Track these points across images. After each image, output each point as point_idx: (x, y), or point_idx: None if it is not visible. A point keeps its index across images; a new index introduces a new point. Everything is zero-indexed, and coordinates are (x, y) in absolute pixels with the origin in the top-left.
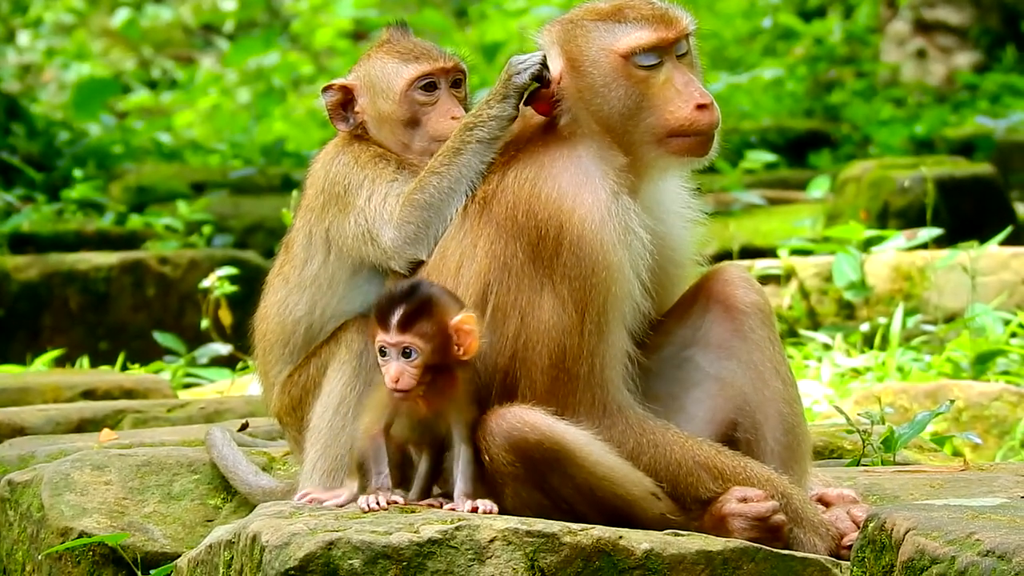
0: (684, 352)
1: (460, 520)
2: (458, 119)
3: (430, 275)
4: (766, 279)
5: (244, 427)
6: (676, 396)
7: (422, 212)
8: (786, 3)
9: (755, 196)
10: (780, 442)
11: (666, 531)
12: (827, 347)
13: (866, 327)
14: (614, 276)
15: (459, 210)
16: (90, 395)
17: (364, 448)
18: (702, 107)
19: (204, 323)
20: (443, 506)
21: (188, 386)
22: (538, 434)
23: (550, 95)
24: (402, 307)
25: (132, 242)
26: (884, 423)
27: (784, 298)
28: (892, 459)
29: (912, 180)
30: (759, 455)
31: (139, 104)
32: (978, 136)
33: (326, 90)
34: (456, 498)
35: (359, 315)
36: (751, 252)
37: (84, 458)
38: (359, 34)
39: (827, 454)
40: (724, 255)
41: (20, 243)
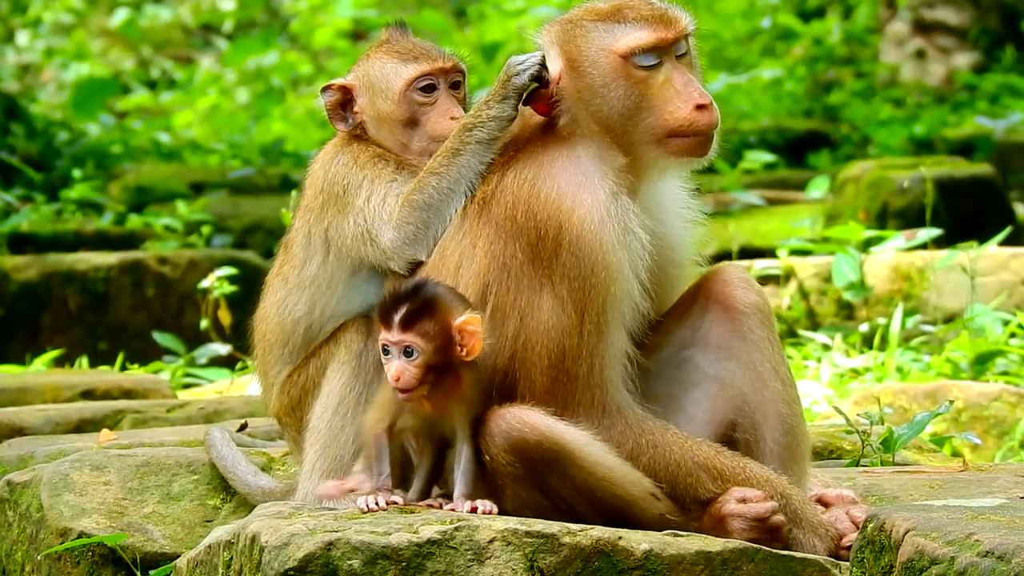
0: (683, 352)
1: (459, 520)
2: (457, 119)
3: (429, 275)
4: (765, 279)
5: (243, 427)
6: (675, 396)
7: (421, 212)
8: (785, 3)
9: (754, 196)
10: (779, 443)
11: (665, 532)
12: (826, 347)
13: (865, 327)
14: (613, 276)
15: (458, 210)
16: (89, 395)
17: (367, 446)
18: (701, 107)
19: (203, 323)
20: (442, 506)
21: (187, 386)
22: (537, 434)
23: (549, 95)
24: (405, 306)
25: (131, 242)
26: (883, 424)
27: (783, 298)
28: (891, 460)
29: (911, 180)
30: (758, 456)
31: (138, 104)
32: (977, 136)
33: (325, 90)
34: (455, 498)
35: (358, 315)
36: (750, 252)
37: (83, 458)
38: (358, 34)
39: (826, 455)
40: (723, 255)
41: (19, 243)
